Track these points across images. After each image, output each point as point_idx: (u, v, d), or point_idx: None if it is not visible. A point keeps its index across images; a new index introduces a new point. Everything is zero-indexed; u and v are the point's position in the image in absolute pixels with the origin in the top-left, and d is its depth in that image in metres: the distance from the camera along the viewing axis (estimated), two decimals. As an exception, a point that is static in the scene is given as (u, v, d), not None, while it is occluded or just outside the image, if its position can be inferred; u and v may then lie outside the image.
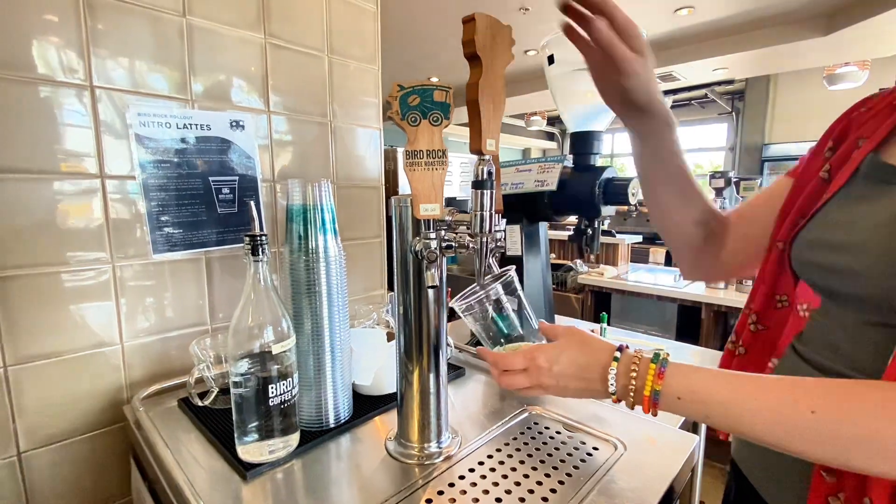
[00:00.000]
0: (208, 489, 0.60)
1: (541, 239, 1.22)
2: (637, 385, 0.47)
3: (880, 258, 0.44)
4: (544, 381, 0.53)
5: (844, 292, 0.50)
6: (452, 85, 0.52)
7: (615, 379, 0.49)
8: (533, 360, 0.54)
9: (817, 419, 0.39)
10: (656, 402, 0.47)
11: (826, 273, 0.51)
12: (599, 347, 0.52)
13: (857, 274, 0.47)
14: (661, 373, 0.46)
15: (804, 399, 0.40)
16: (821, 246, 0.52)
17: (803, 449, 0.40)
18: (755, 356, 0.66)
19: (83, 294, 0.81)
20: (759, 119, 6.18)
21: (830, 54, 3.89)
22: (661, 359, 0.47)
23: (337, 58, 1.12)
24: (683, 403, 0.46)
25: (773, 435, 0.41)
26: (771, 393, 0.42)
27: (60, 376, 0.80)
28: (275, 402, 0.63)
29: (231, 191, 0.97)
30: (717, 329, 2.50)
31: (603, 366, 0.50)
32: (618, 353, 0.50)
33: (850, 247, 0.48)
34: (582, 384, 0.52)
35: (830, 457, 0.39)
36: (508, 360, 0.55)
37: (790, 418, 0.40)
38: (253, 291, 0.63)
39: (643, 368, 0.48)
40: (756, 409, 0.42)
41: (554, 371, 0.52)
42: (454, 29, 3.49)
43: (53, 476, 0.81)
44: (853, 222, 0.49)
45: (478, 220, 0.54)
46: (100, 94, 0.80)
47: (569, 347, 0.53)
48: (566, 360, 0.52)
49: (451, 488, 0.60)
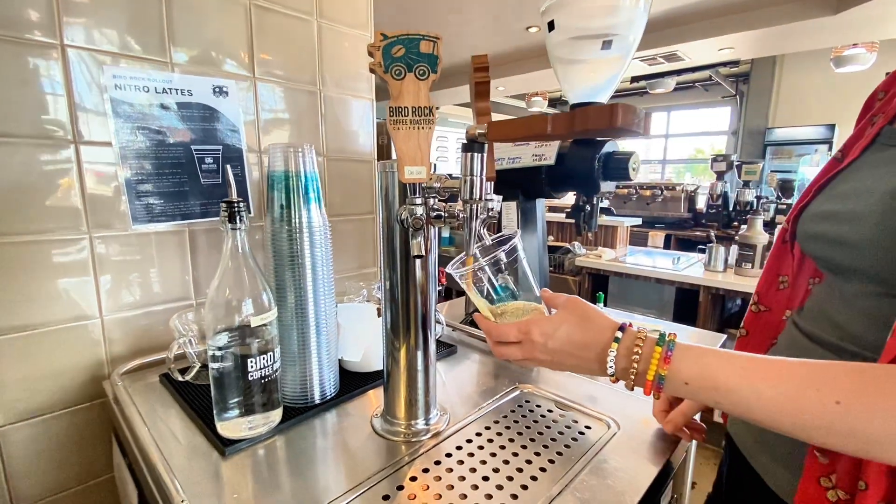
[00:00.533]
0: (185, 465, 0.57)
1: (537, 216, 1.18)
2: (640, 368, 0.44)
3: (879, 228, 0.42)
4: (538, 355, 0.50)
5: (843, 263, 0.48)
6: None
7: (615, 361, 0.46)
8: (527, 334, 0.50)
9: (844, 411, 0.35)
10: (661, 386, 0.44)
11: (826, 244, 0.50)
12: (601, 325, 0.48)
13: (855, 244, 0.45)
14: (667, 356, 0.43)
15: (828, 388, 0.36)
16: (824, 217, 0.51)
17: (825, 441, 0.37)
18: (755, 337, 0.65)
19: (59, 265, 0.77)
20: (764, 102, 6.08)
21: (839, 34, 3.79)
22: (667, 340, 0.44)
23: (327, 22, 1.07)
24: (691, 389, 0.43)
25: (793, 426, 0.38)
26: (790, 380, 0.38)
27: (38, 349, 0.77)
28: (254, 377, 0.60)
29: (215, 161, 0.93)
30: (715, 312, 2.48)
31: (602, 345, 0.47)
32: (619, 332, 0.47)
33: (851, 217, 0.46)
34: (578, 362, 0.49)
35: (853, 449, 0.36)
36: (503, 331, 0.52)
37: (812, 409, 0.36)
38: (231, 262, 0.60)
39: (647, 351, 0.45)
40: (773, 397, 0.38)
41: (549, 346, 0.49)
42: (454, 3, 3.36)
43: (33, 452, 0.79)
44: (856, 193, 0.47)
45: (468, 186, 0.51)
46: (71, 54, 0.75)
47: (567, 321, 0.50)
48: (563, 335, 0.49)
49: (436, 466, 0.58)
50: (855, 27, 3.58)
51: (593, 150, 0.98)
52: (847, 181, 0.51)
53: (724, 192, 3.94)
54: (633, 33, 0.77)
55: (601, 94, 1.08)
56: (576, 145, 1.03)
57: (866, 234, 0.44)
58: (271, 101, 1.00)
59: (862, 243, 0.44)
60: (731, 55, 4.48)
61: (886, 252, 0.42)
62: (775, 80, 6.02)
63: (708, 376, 0.42)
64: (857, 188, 0.48)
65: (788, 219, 0.59)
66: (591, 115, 0.38)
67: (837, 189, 0.51)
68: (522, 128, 0.43)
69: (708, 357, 0.43)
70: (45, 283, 0.76)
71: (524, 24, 3.98)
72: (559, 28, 1.07)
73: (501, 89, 5.86)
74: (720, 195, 3.92)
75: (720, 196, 3.92)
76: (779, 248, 0.62)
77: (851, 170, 0.51)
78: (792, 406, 0.37)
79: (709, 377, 0.42)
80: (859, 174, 0.50)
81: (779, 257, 0.62)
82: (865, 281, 0.45)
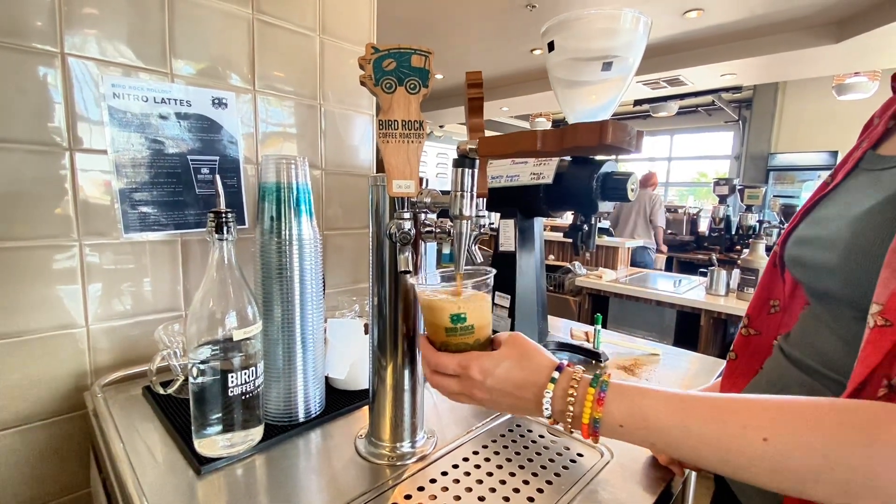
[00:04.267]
0: (158, 483, 0.55)
1: (535, 235, 1.17)
2: (575, 411, 0.42)
3: (846, 252, 0.42)
4: (476, 393, 0.48)
5: (820, 288, 0.48)
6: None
7: (550, 402, 0.44)
8: (466, 370, 0.48)
9: (769, 447, 0.34)
10: (596, 430, 0.41)
11: (807, 269, 0.50)
12: (539, 364, 0.46)
13: (831, 269, 0.45)
14: (600, 398, 0.41)
15: (754, 424, 0.35)
16: (805, 242, 0.51)
17: (752, 478, 0.35)
18: (744, 361, 0.64)
19: (46, 272, 0.76)
20: (766, 128, 6.13)
21: (841, 63, 3.84)
22: (600, 381, 0.42)
23: (329, 38, 1.08)
24: (626, 430, 0.41)
25: (718, 462, 0.36)
26: (720, 417, 0.37)
27: (20, 357, 0.76)
28: (235, 392, 0.58)
29: (211, 171, 0.93)
30: (717, 337, 2.44)
31: (539, 386, 0.45)
32: (556, 372, 0.45)
33: (827, 242, 0.46)
34: (515, 402, 0.47)
35: (787, 487, 0.34)
36: (441, 361, 0.50)
37: (739, 446, 0.35)
38: (217, 273, 0.59)
39: (581, 392, 0.43)
40: (701, 435, 0.37)
41: (487, 384, 0.47)
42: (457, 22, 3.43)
43: (11, 462, 0.77)
44: (832, 218, 0.48)
45: (457, 202, 0.50)
46: (72, 62, 0.76)
47: (507, 358, 0.48)
48: (501, 373, 0.47)
49: (419, 492, 0.56)
50: (857, 56, 3.62)
51: (591, 169, 0.97)
52: (827, 206, 0.52)
53: (727, 216, 3.93)
54: (633, 55, 0.77)
55: (601, 115, 1.09)
56: (574, 165, 1.02)
57: (837, 259, 0.43)
58: (271, 113, 1.01)
59: (835, 268, 0.44)
60: (733, 81, 4.53)
61: (855, 276, 0.41)
62: (778, 105, 6.07)
63: (639, 416, 0.40)
64: (834, 213, 0.49)
65: (778, 243, 0.59)
66: (581, 131, 0.37)
67: (819, 213, 0.52)
68: (513, 143, 0.42)
69: (641, 397, 0.41)
70: (31, 290, 0.75)
71: (528, 47, 4.05)
72: (559, 49, 1.08)
73: (505, 109, 5.94)
74: (723, 219, 3.91)
75: (723, 220, 3.91)
76: (770, 272, 0.62)
77: (833, 194, 0.52)
78: (720, 444, 0.36)
79: (639, 417, 0.40)
80: (838, 198, 0.51)
81: (770, 281, 0.62)
82: (842, 306, 0.45)
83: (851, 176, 0.51)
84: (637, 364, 1.05)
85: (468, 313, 0.50)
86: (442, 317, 0.50)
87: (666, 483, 0.59)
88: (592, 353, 1.05)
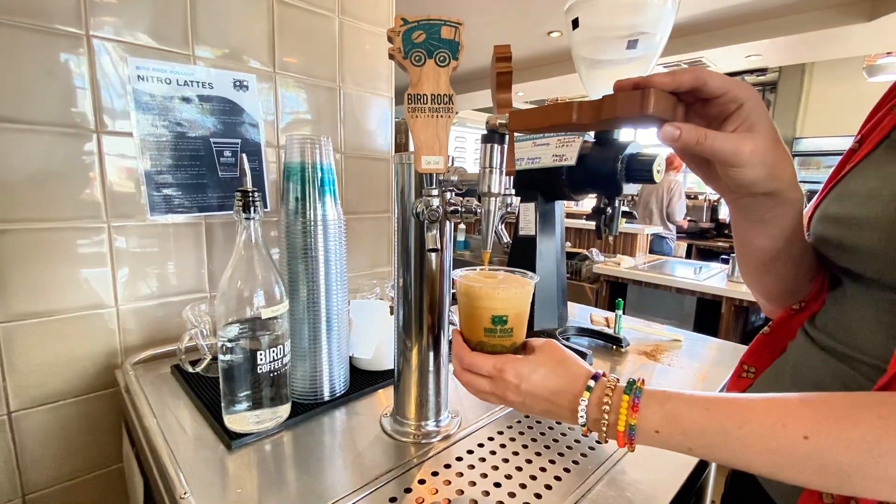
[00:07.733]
0: (191, 457, 0.56)
1: (556, 219, 1.16)
2: (610, 420, 0.42)
3: (886, 235, 0.39)
4: (509, 395, 0.48)
5: (856, 271, 0.45)
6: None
7: (585, 411, 0.43)
8: (501, 373, 0.48)
9: (812, 445, 0.33)
10: (632, 437, 0.41)
11: (839, 250, 0.47)
12: (575, 373, 0.46)
13: (871, 251, 0.42)
14: (635, 404, 0.40)
15: (794, 423, 0.34)
16: (836, 220, 0.47)
17: (797, 477, 0.35)
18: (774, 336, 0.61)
19: (76, 253, 0.78)
20: (792, 111, 5.93)
21: (873, 42, 3.67)
22: (634, 387, 0.41)
23: (348, 19, 1.07)
24: (662, 437, 0.40)
25: (765, 465, 0.35)
26: (758, 417, 0.36)
27: (53, 336, 0.78)
28: (264, 370, 0.59)
29: (233, 154, 0.93)
30: (738, 324, 2.40)
31: (574, 394, 0.44)
32: (592, 381, 0.44)
33: (862, 221, 0.43)
34: (549, 407, 0.46)
35: (833, 485, 0.34)
36: (476, 362, 0.49)
37: (781, 446, 0.34)
38: (244, 252, 0.59)
39: (616, 400, 0.42)
40: (741, 437, 0.36)
41: (522, 389, 0.47)
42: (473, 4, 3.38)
43: (45, 438, 0.80)
44: (868, 193, 0.44)
45: (486, 179, 0.49)
46: (97, 44, 0.76)
47: (544, 364, 0.47)
48: (537, 379, 0.46)
49: (446, 469, 0.56)
50: (890, 35, 3.46)
51: (615, 150, 0.95)
52: (857, 179, 0.47)
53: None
54: (661, 31, 0.74)
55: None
56: (597, 146, 1.00)
57: (878, 240, 0.41)
58: (290, 96, 1.00)
59: (876, 250, 0.41)
60: (758, 62, 4.38)
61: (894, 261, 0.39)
62: (804, 89, 5.86)
63: (673, 420, 0.39)
64: (867, 189, 0.45)
65: (807, 217, 0.54)
66: (621, 101, 0.36)
67: (849, 187, 0.48)
68: (546, 116, 0.41)
69: (677, 400, 0.40)
70: (63, 271, 0.77)
71: (546, 29, 3.97)
72: (583, 26, 1.05)
73: (521, 94, 5.84)
74: (744, 205, 3.81)
75: (744, 206, 3.81)
76: None
77: (862, 166, 0.48)
78: (762, 445, 0.35)
79: (674, 421, 0.39)
80: (869, 171, 0.46)
81: None
82: (877, 288, 0.42)
83: (884, 146, 0.46)
84: (659, 350, 1.03)
85: (510, 316, 0.50)
86: (483, 316, 0.50)
87: (691, 468, 0.58)
88: (613, 339, 1.04)
